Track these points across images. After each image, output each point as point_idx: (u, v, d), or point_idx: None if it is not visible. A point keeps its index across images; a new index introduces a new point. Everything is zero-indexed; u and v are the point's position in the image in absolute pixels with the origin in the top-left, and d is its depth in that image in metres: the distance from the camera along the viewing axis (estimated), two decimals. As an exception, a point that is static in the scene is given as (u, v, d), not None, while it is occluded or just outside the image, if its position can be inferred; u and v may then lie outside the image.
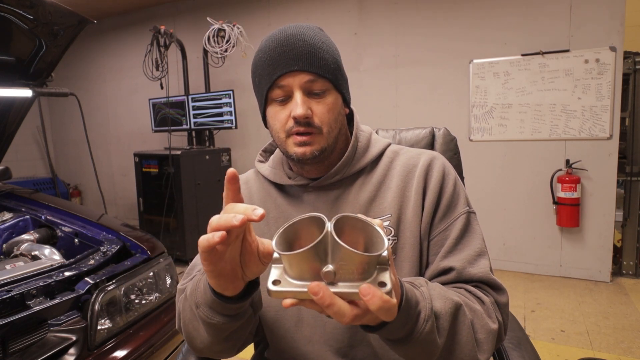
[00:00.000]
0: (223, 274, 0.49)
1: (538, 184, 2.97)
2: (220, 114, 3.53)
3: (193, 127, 3.69)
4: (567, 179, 2.78)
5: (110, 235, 1.49)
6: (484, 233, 0.72)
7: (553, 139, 2.88)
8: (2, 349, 0.99)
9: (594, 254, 2.86)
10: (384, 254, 0.41)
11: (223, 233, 0.42)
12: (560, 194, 2.82)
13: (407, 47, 3.28)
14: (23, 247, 1.42)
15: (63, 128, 5.30)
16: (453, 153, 0.99)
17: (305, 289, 0.40)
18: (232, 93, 3.43)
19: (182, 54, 3.78)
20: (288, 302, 0.41)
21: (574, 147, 2.83)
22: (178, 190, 3.32)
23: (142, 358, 1.23)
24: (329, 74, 0.65)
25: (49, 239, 1.54)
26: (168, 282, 1.48)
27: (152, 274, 1.41)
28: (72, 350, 1.10)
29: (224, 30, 3.35)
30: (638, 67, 2.76)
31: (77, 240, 1.52)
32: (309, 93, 0.65)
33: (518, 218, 3.07)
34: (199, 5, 4.10)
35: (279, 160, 0.78)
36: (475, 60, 3.05)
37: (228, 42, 3.35)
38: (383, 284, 0.41)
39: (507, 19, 2.93)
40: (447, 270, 0.66)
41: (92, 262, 1.29)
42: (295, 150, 0.66)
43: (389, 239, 0.68)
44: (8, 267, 1.25)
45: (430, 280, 0.63)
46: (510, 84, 2.96)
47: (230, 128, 3.53)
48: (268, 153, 0.84)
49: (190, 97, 3.65)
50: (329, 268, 0.41)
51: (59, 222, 1.57)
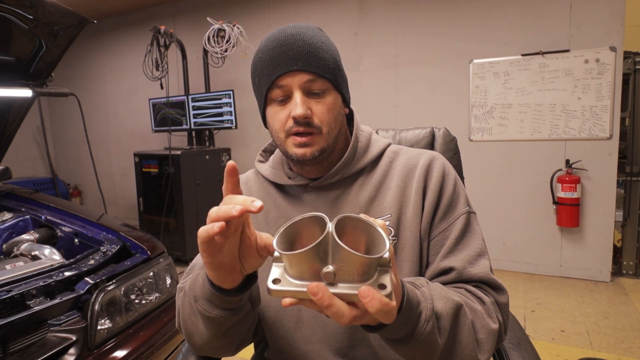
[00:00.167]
0: (222, 266, 0.49)
1: (538, 184, 2.97)
2: (220, 114, 3.53)
3: (193, 127, 3.69)
4: (567, 179, 2.78)
5: (110, 235, 1.48)
6: (484, 233, 0.72)
7: (553, 139, 2.88)
8: (2, 349, 0.99)
9: (594, 254, 2.86)
10: (385, 256, 0.41)
11: (222, 224, 0.43)
12: (560, 194, 2.82)
13: (407, 47, 3.28)
14: (23, 247, 1.42)
15: (63, 128, 5.30)
16: (453, 153, 0.99)
17: (305, 289, 0.40)
18: (232, 93, 3.43)
19: (182, 54, 3.78)
20: (287, 301, 0.42)
21: (574, 147, 2.83)
22: (178, 190, 3.32)
23: (142, 358, 1.22)
24: (329, 74, 0.65)
25: (49, 239, 1.54)
26: (168, 282, 1.48)
27: (152, 274, 1.41)
28: (72, 350, 1.10)
29: (224, 30, 3.35)
30: (638, 67, 2.76)
31: (77, 240, 1.52)
32: (309, 93, 0.65)
33: (518, 218, 3.07)
34: (199, 5, 4.10)
35: (279, 160, 0.78)
36: (475, 60, 3.05)
37: (228, 42, 3.35)
38: (383, 286, 0.41)
39: (507, 19, 2.93)
40: (447, 270, 0.66)
41: (92, 262, 1.29)
42: (295, 152, 0.66)
43: (391, 239, 0.68)
44: (8, 267, 1.25)
45: (431, 280, 0.63)
46: (510, 84, 2.96)
47: (230, 128, 3.53)
48: (268, 153, 0.84)
49: (190, 97, 3.65)
50: (329, 269, 0.40)
51: (59, 222, 1.57)
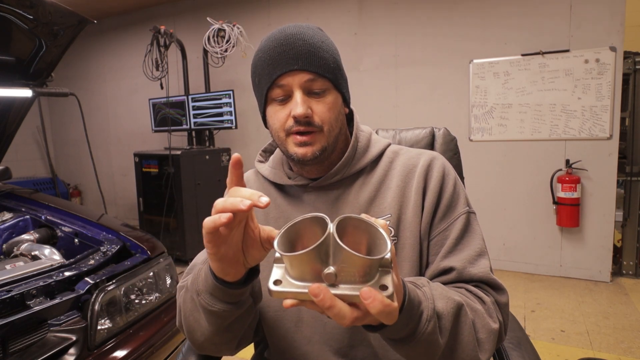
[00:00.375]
0: (225, 258, 0.50)
1: (538, 184, 2.97)
2: (220, 114, 3.53)
3: (193, 127, 3.69)
4: (567, 179, 2.78)
5: (110, 235, 1.48)
6: (484, 233, 0.72)
7: (553, 139, 2.88)
8: (2, 349, 0.99)
9: (594, 254, 2.86)
10: (387, 257, 0.41)
11: (230, 215, 0.43)
12: (560, 194, 2.82)
13: (407, 47, 3.28)
14: (23, 247, 1.42)
15: (63, 128, 5.30)
16: (453, 153, 0.99)
17: (306, 290, 0.40)
18: (232, 93, 3.43)
19: (182, 54, 3.78)
20: (288, 302, 0.42)
21: (574, 147, 2.83)
22: (178, 190, 3.31)
23: (142, 358, 1.22)
24: (329, 73, 0.65)
25: (49, 239, 1.54)
26: (168, 282, 1.48)
27: (152, 274, 1.41)
28: (72, 350, 1.10)
29: (224, 30, 3.35)
30: (638, 67, 2.76)
31: (77, 240, 1.52)
32: (309, 92, 0.65)
33: (518, 218, 3.07)
34: (199, 5, 4.10)
35: (279, 160, 0.78)
36: (475, 60, 3.05)
37: (228, 42, 3.35)
38: (384, 287, 0.41)
39: (507, 19, 2.93)
40: (447, 270, 0.66)
41: (92, 262, 1.29)
42: (296, 151, 0.66)
43: (391, 239, 0.68)
44: (8, 267, 1.25)
45: (431, 280, 0.63)
46: (510, 84, 2.96)
47: (230, 128, 3.53)
48: (268, 153, 0.84)
49: (190, 97, 3.65)
50: (330, 270, 0.40)
51: (59, 222, 1.57)
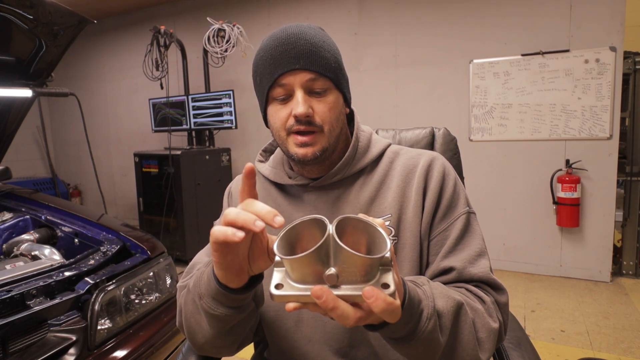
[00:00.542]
0: (231, 267, 0.50)
1: (538, 184, 2.97)
2: (220, 114, 3.53)
3: (193, 127, 3.69)
4: (567, 179, 2.78)
5: (110, 235, 1.48)
6: (484, 233, 0.72)
7: (553, 139, 2.88)
8: (2, 349, 0.99)
9: (594, 254, 2.86)
10: (387, 255, 0.41)
11: (243, 235, 0.43)
12: (560, 194, 2.82)
13: (407, 47, 3.28)
14: (23, 247, 1.42)
15: (63, 128, 5.30)
16: (453, 153, 0.99)
17: (309, 293, 0.40)
18: (232, 93, 3.43)
19: (182, 54, 3.78)
20: (291, 305, 0.42)
21: (574, 147, 2.83)
22: (178, 190, 3.31)
23: (142, 358, 1.22)
24: (330, 73, 0.65)
25: (49, 239, 1.54)
26: (168, 282, 1.48)
27: (152, 274, 1.41)
28: (72, 350, 1.10)
29: (224, 30, 3.35)
30: (638, 67, 2.76)
31: (77, 240, 1.51)
32: (310, 92, 0.65)
33: (518, 218, 3.07)
34: (199, 5, 4.10)
35: (280, 160, 0.78)
36: (475, 60, 3.05)
37: (228, 42, 3.35)
38: (386, 286, 0.41)
39: (507, 19, 2.93)
40: (447, 270, 0.66)
41: (92, 262, 1.29)
42: (297, 151, 0.66)
43: (391, 238, 0.68)
44: (8, 267, 1.25)
45: (431, 280, 0.63)
46: (510, 84, 2.96)
47: (230, 128, 3.53)
48: (268, 153, 0.84)
49: (190, 97, 3.65)
50: (332, 271, 0.40)
51: (59, 222, 1.57)
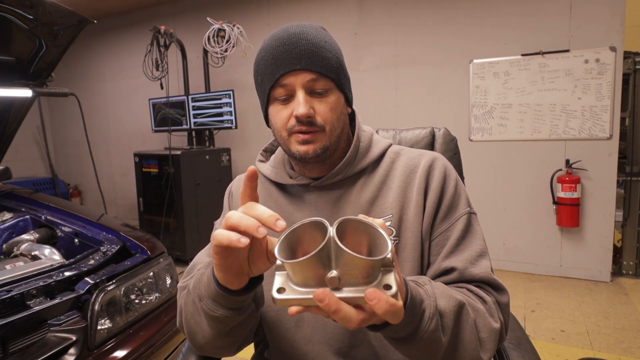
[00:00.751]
0: (231, 269, 0.50)
1: (538, 184, 2.97)
2: (220, 114, 3.53)
3: (193, 127, 3.69)
4: (567, 179, 2.78)
5: (110, 235, 1.48)
6: (484, 233, 0.72)
7: (553, 139, 2.88)
8: (2, 349, 0.99)
9: (594, 254, 2.86)
10: (388, 256, 0.40)
11: (247, 241, 0.44)
12: (560, 194, 2.82)
13: (407, 47, 3.28)
14: (23, 247, 1.42)
15: (63, 128, 5.29)
16: (453, 153, 0.99)
17: (311, 296, 0.40)
18: (232, 93, 3.43)
19: (182, 54, 3.78)
20: (294, 309, 0.41)
21: (574, 147, 2.83)
22: (178, 190, 3.31)
23: (142, 358, 1.22)
24: (332, 73, 0.65)
25: (49, 239, 1.54)
26: (168, 282, 1.48)
27: (152, 274, 1.41)
28: (72, 350, 1.10)
29: (224, 30, 3.35)
30: (638, 67, 2.76)
31: (77, 240, 1.51)
32: (312, 92, 0.65)
33: (518, 218, 3.07)
34: (199, 5, 4.10)
35: (281, 160, 0.78)
36: (475, 60, 3.05)
37: (228, 42, 3.35)
38: (388, 287, 0.41)
39: (507, 19, 2.93)
40: (448, 271, 0.66)
41: (92, 262, 1.29)
42: (298, 149, 0.66)
43: (392, 239, 0.68)
44: (8, 267, 1.25)
45: (433, 280, 0.63)
46: (510, 84, 2.96)
47: (230, 128, 3.53)
48: (269, 153, 0.84)
49: (190, 97, 3.65)
50: (333, 274, 0.40)
51: (59, 222, 1.57)
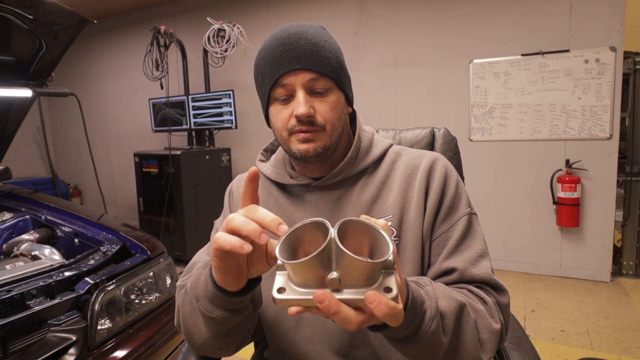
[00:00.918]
0: (230, 271, 0.50)
1: (538, 184, 2.97)
2: (220, 114, 3.53)
3: (193, 127, 3.69)
4: (567, 179, 2.78)
5: (110, 235, 1.48)
6: (484, 233, 0.72)
7: (553, 139, 2.88)
8: (2, 349, 0.99)
9: (594, 254, 2.86)
10: (390, 258, 0.40)
11: (250, 247, 0.44)
12: (560, 194, 2.82)
13: (407, 47, 3.28)
14: (23, 247, 1.42)
15: (63, 128, 5.29)
16: (453, 153, 0.99)
17: (311, 297, 0.40)
18: (232, 93, 3.42)
19: (182, 54, 3.78)
20: (294, 309, 0.41)
21: (574, 147, 2.83)
22: (178, 190, 3.31)
23: (142, 358, 1.22)
24: (332, 73, 0.65)
25: (49, 239, 1.54)
26: (168, 282, 1.47)
27: (152, 274, 1.41)
28: (72, 350, 1.10)
29: (224, 30, 3.35)
30: (638, 67, 2.76)
31: (77, 240, 1.51)
32: (312, 92, 0.65)
33: (518, 218, 3.07)
34: (199, 5, 4.10)
35: (281, 160, 0.78)
36: (475, 60, 3.05)
37: (228, 42, 3.35)
38: (389, 290, 0.41)
39: (507, 19, 2.93)
40: (449, 271, 0.66)
41: (92, 262, 1.29)
42: (299, 147, 0.66)
43: (393, 239, 0.68)
44: (8, 267, 1.24)
45: (433, 281, 0.63)
46: (510, 84, 2.96)
47: (230, 128, 3.53)
48: (269, 152, 0.84)
49: (190, 97, 3.65)
50: (334, 275, 0.40)
51: (59, 222, 1.57)
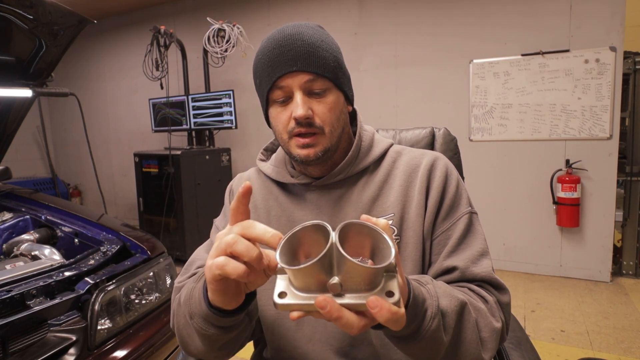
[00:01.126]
0: (228, 290, 0.48)
1: (538, 184, 2.97)
2: (220, 114, 3.53)
3: (193, 127, 3.69)
4: (567, 179, 2.78)
5: (110, 235, 1.48)
6: (484, 233, 0.72)
7: (553, 139, 2.88)
8: (2, 349, 0.99)
9: (594, 254, 2.86)
10: (392, 261, 0.40)
11: (249, 272, 0.43)
12: (560, 194, 2.82)
13: (407, 47, 3.28)
14: (23, 247, 1.42)
15: (63, 128, 5.29)
16: (453, 153, 0.99)
17: (312, 301, 0.39)
18: (232, 93, 3.43)
19: (182, 54, 3.78)
20: (295, 314, 0.41)
21: (574, 147, 2.83)
22: (178, 190, 3.31)
23: (142, 358, 1.22)
24: (329, 73, 0.65)
25: (49, 239, 1.54)
26: (168, 282, 1.47)
27: (152, 274, 1.41)
28: (72, 350, 1.10)
29: (224, 30, 3.35)
30: (638, 67, 2.76)
31: (77, 240, 1.51)
32: (310, 93, 0.65)
33: (518, 218, 3.07)
34: (199, 5, 4.10)
35: (282, 159, 0.78)
36: (475, 60, 3.05)
37: (228, 42, 3.35)
38: (391, 294, 0.40)
39: (507, 19, 2.93)
40: (450, 270, 0.66)
41: (92, 262, 1.29)
42: (299, 153, 0.66)
43: (394, 239, 0.68)
44: (8, 267, 1.24)
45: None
46: (510, 84, 2.96)
47: (230, 128, 3.53)
48: (270, 152, 0.84)
49: (190, 97, 3.65)
50: (335, 280, 0.40)
51: (59, 222, 1.57)
